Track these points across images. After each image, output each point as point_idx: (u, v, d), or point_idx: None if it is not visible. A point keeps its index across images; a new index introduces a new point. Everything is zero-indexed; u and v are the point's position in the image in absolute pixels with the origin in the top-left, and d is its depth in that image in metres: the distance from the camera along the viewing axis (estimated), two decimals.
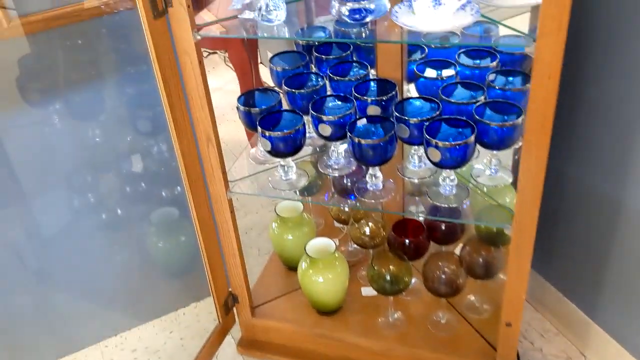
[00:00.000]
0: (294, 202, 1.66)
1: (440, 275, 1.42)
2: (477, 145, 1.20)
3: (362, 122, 1.29)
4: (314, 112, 1.30)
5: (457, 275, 1.41)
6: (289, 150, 1.30)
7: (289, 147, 1.30)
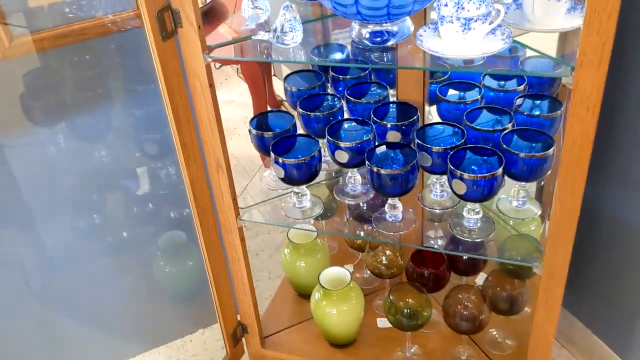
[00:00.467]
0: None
1: (461, 311, 1.34)
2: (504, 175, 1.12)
3: (382, 150, 1.21)
4: (330, 137, 1.23)
5: (480, 311, 1.33)
6: (303, 177, 1.23)
7: (303, 174, 1.23)
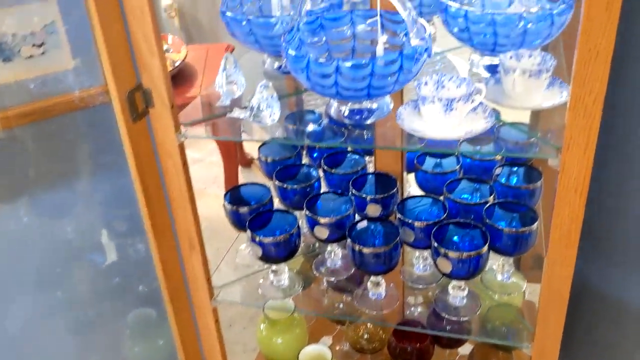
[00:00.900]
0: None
1: None
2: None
3: (363, 225, 1.18)
4: (309, 211, 1.19)
5: None
6: (282, 255, 1.19)
7: (282, 252, 1.18)
